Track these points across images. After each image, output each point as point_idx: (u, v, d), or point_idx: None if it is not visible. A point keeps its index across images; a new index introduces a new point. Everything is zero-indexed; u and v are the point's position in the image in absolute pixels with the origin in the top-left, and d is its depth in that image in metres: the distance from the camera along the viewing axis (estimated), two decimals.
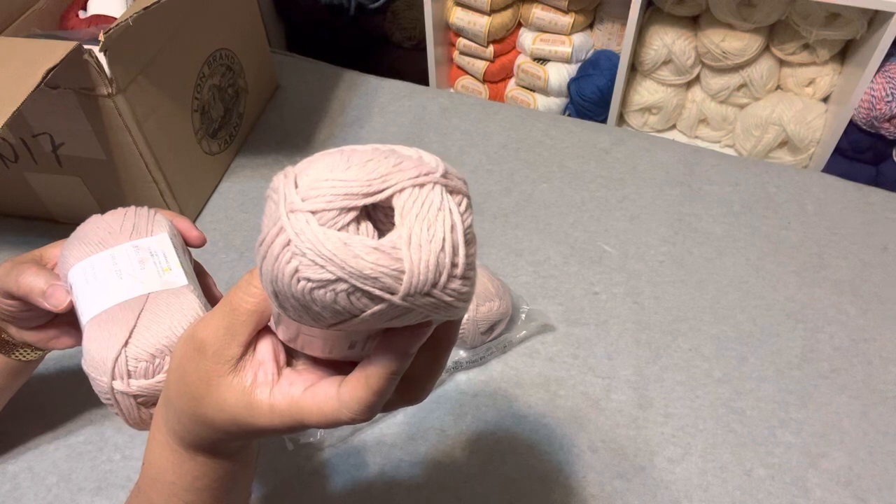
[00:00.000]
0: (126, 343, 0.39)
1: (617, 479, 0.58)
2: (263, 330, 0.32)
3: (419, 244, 0.23)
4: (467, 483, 0.58)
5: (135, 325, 0.40)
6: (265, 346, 0.31)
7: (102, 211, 0.47)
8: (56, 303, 0.43)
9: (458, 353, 0.65)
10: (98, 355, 0.39)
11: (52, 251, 0.47)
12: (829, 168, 1.16)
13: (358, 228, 0.24)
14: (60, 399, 0.63)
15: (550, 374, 0.65)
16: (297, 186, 0.24)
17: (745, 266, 0.75)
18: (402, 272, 0.23)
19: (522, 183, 0.85)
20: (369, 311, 0.24)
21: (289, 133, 0.93)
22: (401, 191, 0.24)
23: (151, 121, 0.69)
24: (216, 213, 0.82)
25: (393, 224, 0.24)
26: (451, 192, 0.25)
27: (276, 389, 0.30)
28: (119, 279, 0.42)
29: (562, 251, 0.77)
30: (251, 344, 0.31)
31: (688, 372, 0.66)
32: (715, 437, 0.61)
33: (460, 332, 0.63)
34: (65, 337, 0.50)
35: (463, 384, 0.64)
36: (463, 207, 0.25)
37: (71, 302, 0.43)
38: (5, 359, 0.49)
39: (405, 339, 0.27)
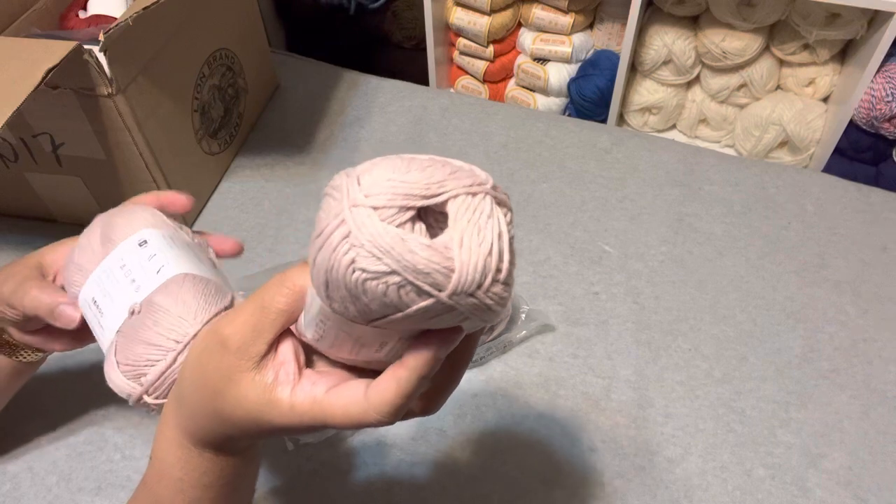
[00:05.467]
0: (229, 306, 0.41)
1: (617, 479, 0.58)
2: (285, 331, 0.32)
3: (469, 247, 0.25)
4: (468, 483, 0.58)
5: (233, 297, 0.42)
6: (286, 347, 0.32)
7: (102, 210, 0.47)
8: (66, 322, 0.43)
9: None
10: (196, 304, 0.40)
11: (51, 256, 0.47)
12: (829, 168, 1.17)
13: (413, 227, 0.25)
14: (61, 399, 0.63)
15: (550, 374, 0.66)
16: (359, 184, 0.25)
17: (745, 266, 0.75)
18: (452, 271, 0.24)
19: (522, 183, 0.85)
20: (415, 307, 0.25)
21: (289, 133, 0.93)
22: (455, 196, 0.25)
23: (151, 121, 0.69)
24: (216, 213, 0.82)
25: (441, 228, 0.25)
26: (499, 203, 0.26)
27: (298, 388, 0.31)
28: (199, 262, 0.44)
29: (562, 251, 0.77)
30: (274, 343, 0.32)
31: (688, 372, 0.66)
32: (715, 437, 0.61)
33: None
34: (68, 338, 0.50)
35: (463, 384, 0.64)
36: (508, 219, 0.27)
37: (82, 320, 0.43)
38: (7, 360, 0.49)
39: (438, 343, 0.28)
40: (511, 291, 0.27)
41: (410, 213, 0.25)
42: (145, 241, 0.43)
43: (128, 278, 0.41)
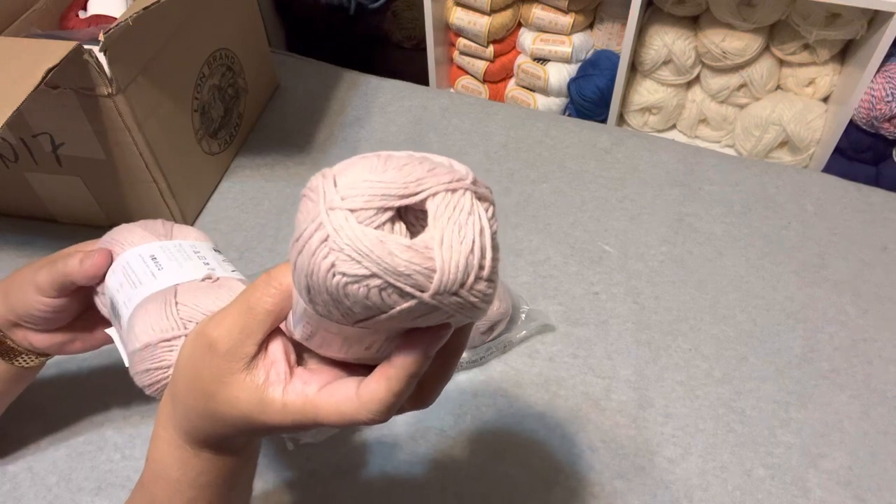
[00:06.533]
0: None
1: (617, 479, 0.58)
2: (274, 330, 0.32)
3: (450, 245, 0.24)
4: (467, 483, 0.58)
5: None
6: (276, 346, 0.32)
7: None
8: (94, 263, 0.45)
9: None
10: None
11: (88, 248, 0.47)
12: (829, 168, 1.17)
13: (392, 228, 0.25)
14: (60, 399, 0.63)
15: (550, 374, 0.66)
16: (336, 186, 0.25)
17: (745, 266, 0.75)
18: (434, 271, 0.24)
19: (522, 183, 0.85)
20: (398, 308, 0.25)
21: (289, 133, 0.93)
22: (434, 194, 0.25)
23: (151, 121, 0.69)
24: (216, 213, 0.82)
25: (422, 226, 0.25)
26: (480, 198, 0.26)
27: (290, 387, 0.31)
28: (235, 271, 0.48)
29: (562, 251, 0.77)
30: (264, 343, 0.31)
31: (688, 372, 0.66)
32: (715, 437, 0.61)
33: None
34: (76, 342, 0.50)
35: (463, 384, 0.64)
36: (490, 214, 0.26)
37: (109, 258, 0.45)
38: (7, 365, 0.49)
39: (426, 341, 0.28)
40: (495, 288, 0.26)
41: (389, 214, 0.24)
42: (219, 251, 0.49)
43: (201, 260, 0.46)
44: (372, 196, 0.24)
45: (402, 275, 0.24)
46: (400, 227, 0.25)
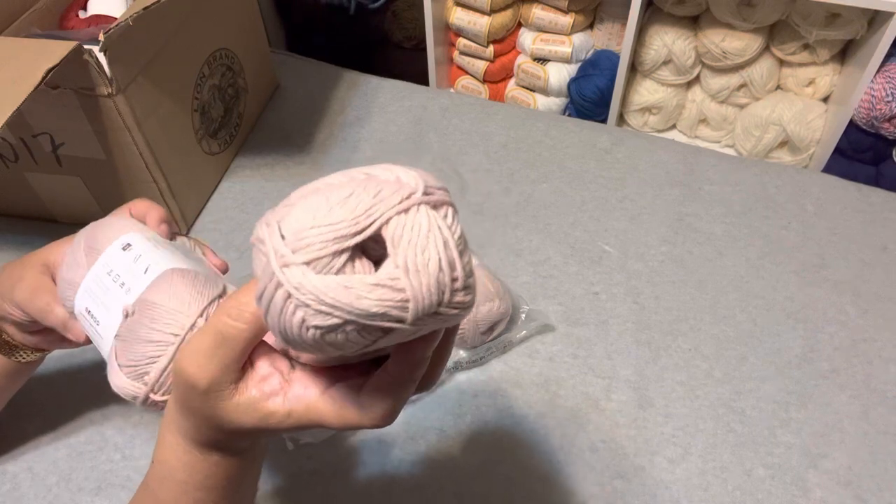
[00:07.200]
0: (221, 294, 0.41)
1: (617, 479, 0.58)
2: (259, 344, 0.32)
3: (417, 270, 0.23)
4: (467, 482, 0.58)
5: (225, 286, 0.42)
6: (263, 363, 0.32)
7: (103, 210, 0.47)
8: (76, 335, 0.45)
9: (458, 353, 0.65)
10: (189, 295, 0.39)
11: (54, 256, 0.47)
12: (829, 168, 1.17)
13: (354, 266, 0.24)
14: (60, 399, 0.63)
15: (550, 374, 0.66)
16: (283, 237, 0.24)
17: (745, 266, 0.75)
18: (408, 300, 0.23)
19: (522, 183, 0.85)
20: (381, 341, 0.25)
21: (289, 133, 0.93)
22: (387, 221, 0.24)
23: (151, 121, 0.69)
24: (216, 213, 0.82)
25: (384, 248, 0.24)
26: (435, 206, 0.25)
27: (291, 395, 0.31)
28: (185, 257, 0.44)
29: (562, 251, 0.77)
30: (249, 361, 0.31)
31: (688, 372, 0.66)
32: (715, 437, 0.61)
33: (460, 332, 0.63)
34: (67, 339, 0.50)
35: (463, 384, 0.64)
36: (450, 219, 0.25)
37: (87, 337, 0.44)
38: (5, 360, 0.49)
39: (420, 348, 0.28)
40: (474, 289, 0.25)
41: (346, 255, 0.23)
42: (129, 245, 0.43)
43: (116, 283, 0.41)
44: (324, 242, 0.23)
45: (375, 315, 0.23)
46: (361, 263, 0.24)
